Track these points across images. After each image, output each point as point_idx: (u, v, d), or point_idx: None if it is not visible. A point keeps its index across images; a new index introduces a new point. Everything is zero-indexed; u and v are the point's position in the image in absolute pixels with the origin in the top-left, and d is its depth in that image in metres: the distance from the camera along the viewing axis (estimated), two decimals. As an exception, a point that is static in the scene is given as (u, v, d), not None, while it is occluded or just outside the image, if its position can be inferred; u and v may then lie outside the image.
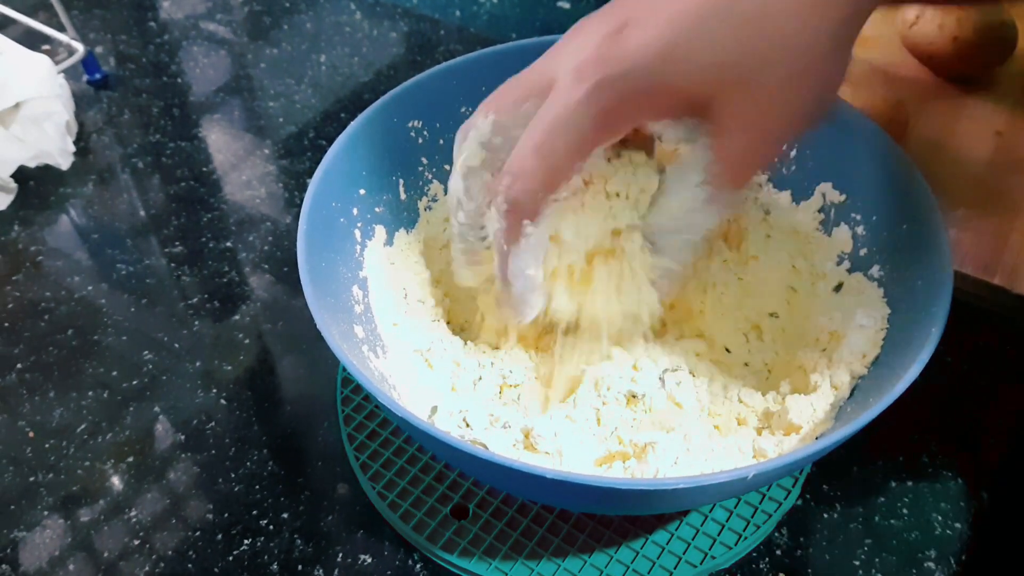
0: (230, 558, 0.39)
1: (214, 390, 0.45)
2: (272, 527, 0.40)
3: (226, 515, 0.40)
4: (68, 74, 0.62)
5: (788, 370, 0.41)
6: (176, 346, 0.48)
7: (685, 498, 0.33)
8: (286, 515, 0.40)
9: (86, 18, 0.72)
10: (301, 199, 0.43)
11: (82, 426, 0.44)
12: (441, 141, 0.46)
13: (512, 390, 0.41)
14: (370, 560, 0.38)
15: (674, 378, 0.40)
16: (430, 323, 0.43)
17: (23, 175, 0.57)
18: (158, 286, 0.51)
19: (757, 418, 0.39)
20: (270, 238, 0.54)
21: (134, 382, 0.46)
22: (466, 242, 0.37)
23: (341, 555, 0.39)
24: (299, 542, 0.39)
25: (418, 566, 0.38)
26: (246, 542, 0.39)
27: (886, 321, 0.38)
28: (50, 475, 0.42)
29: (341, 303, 0.39)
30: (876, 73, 0.58)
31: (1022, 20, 0.56)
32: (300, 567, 0.38)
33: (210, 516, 0.40)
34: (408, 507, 0.39)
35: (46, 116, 0.56)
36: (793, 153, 0.45)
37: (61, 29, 0.64)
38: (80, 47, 0.63)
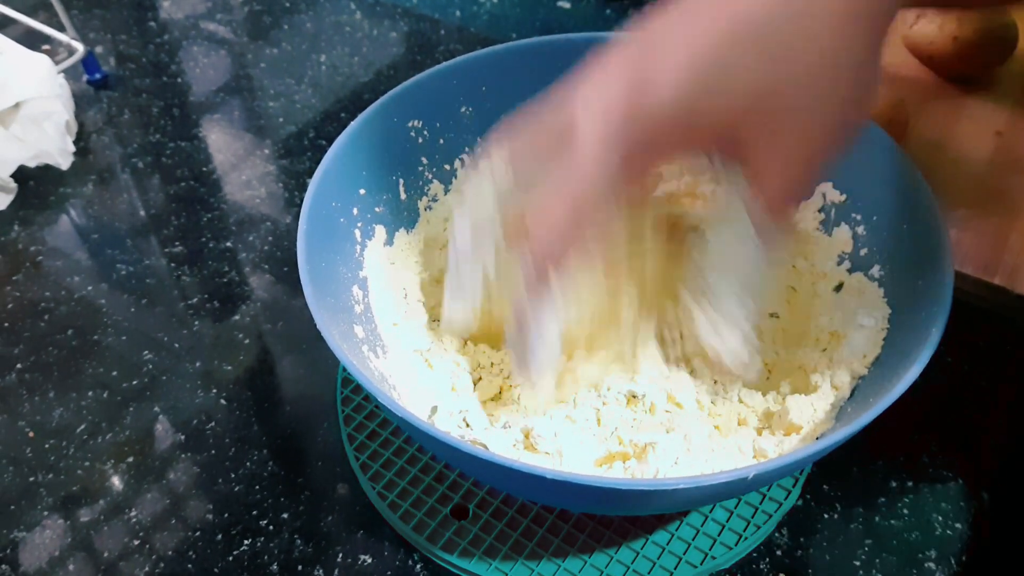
0: (230, 558, 0.39)
1: (214, 390, 0.45)
2: (272, 527, 0.40)
3: (226, 515, 0.40)
4: (68, 74, 0.62)
5: (788, 370, 0.41)
6: (176, 346, 0.48)
7: (685, 498, 0.33)
8: (286, 515, 0.40)
9: (86, 18, 0.72)
10: (301, 199, 0.43)
11: (82, 426, 0.44)
12: (441, 141, 0.46)
13: (512, 390, 0.41)
14: (370, 560, 0.38)
15: (676, 377, 0.40)
16: (430, 323, 0.43)
17: (23, 175, 0.57)
18: (158, 286, 0.51)
19: (757, 418, 0.39)
20: (270, 238, 0.54)
21: (134, 382, 0.46)
22: (463, 283, 0.37)
23: (341, 555, 0.39)
24: (299, 542, 0.39)
25: (418, 566, 0.38)
26: (246, 542, 0.39)
27: (887, 321, 0.38)
28: (50, 475, 0.42)
29: (341, 303, 0.39)
30: (876, 73, 0.58)
31: (1022, 20, 0.56)
32: (300, 567, 0.38)
33: (210, 516, 0.40)
34: (408, 507, 0.39)
35: (46, 116, 0.56)
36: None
37: (61, 29, 0.64)
38: (80, 47, 0.63)
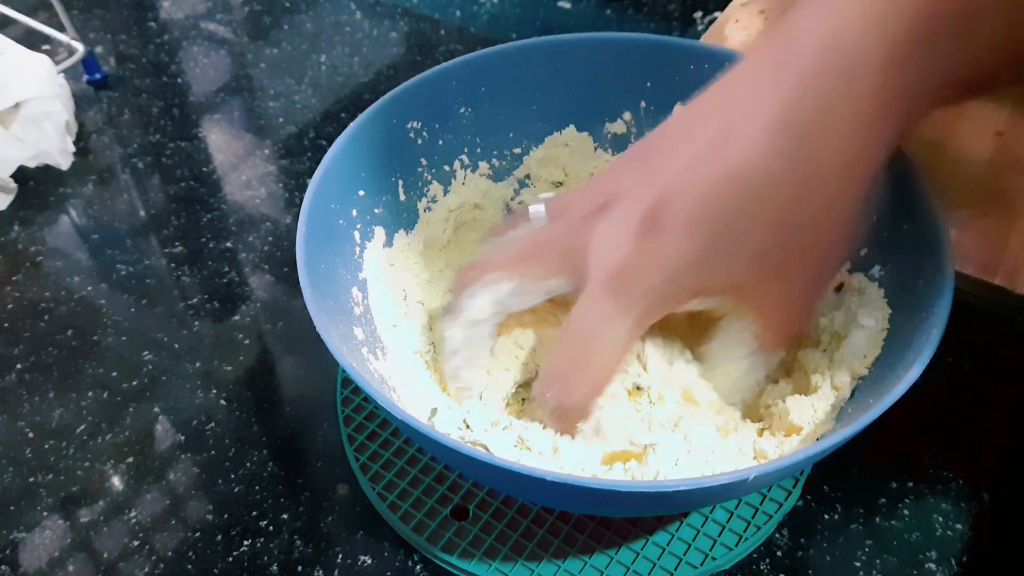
0: (230, 559, 0.39)
1: (214, 391, 0.45)
2: (272, 528, 0.40)
3: (226, 516, 0.40)
4: (68, 74, 0.62)
5: (789, 370, 0.41)
6: (176, 346, 0.48)
7: (686, 500, 0.33)
8: (286, 516, 0.40)
9: (86, 18, 0.72)
10: (301, 199, 0.43)
11: (82, 427, 0.44)
12: (440, 142, 0.46)
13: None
14: (370, 561, 0.38)
15: (684, 371, 0.39)
16: (430, 324, 0.43)
17: (23, 175, 0.57)
18: (158, 286, 0.51)
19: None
20: (270, 238, 0.53)
21: (134, 382, 0.46)
22: (462, 380, 0.39)
23: (341, 556, 0.39)
24: (299, 543, 0.39)
25: (418, 567, 0.38)
26: (246, 543, 0.39)
27: (887, 321, 0.38)
28: (49, 476, 0.42)
29: (340, 305, 0.39)
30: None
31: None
32: (300, 568, 0.38)
33: (210, 517, 0.40)
34: (408, 508, 0.39)
35: (46, 116, 0.56)
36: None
37: (61, 29, 0.64)
38: (80, 47, 0.63)
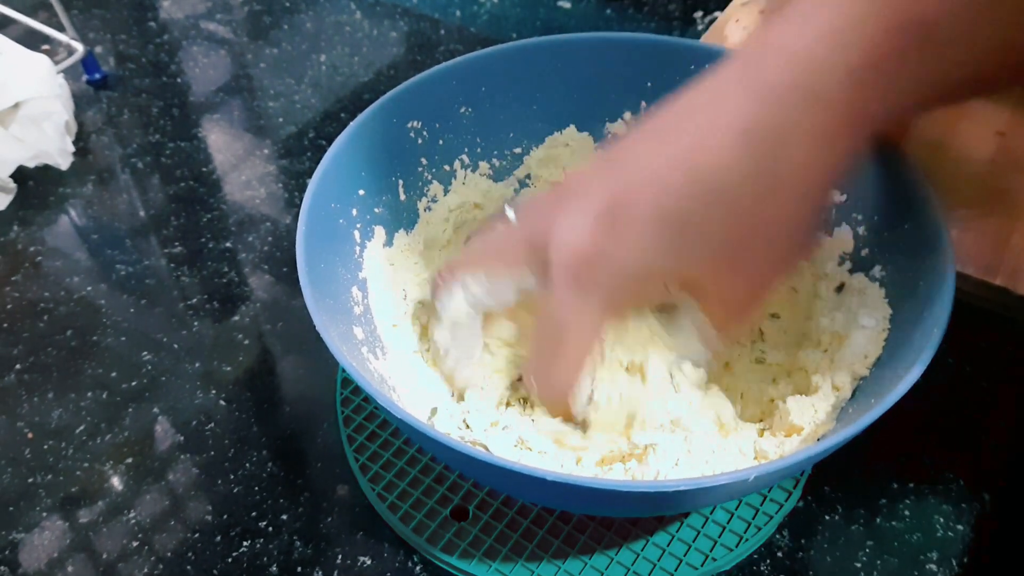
0: (229, 559, 0.38)
1: (214, 391, 0.45)
2: (271, 529, 0.40)
3: (225, 516, 0.40)
4: (68, 74, 0.62)
5: (789, 371, 0.40)
6: (176, 347, 0.47)
7: (686, 500, 0.33)
8: (285, 517, 0.40)
9: (86, 18, 0.72)
10: (301, 199, 0.43)
11: (81, 427, 0.44)
12: (440, 142, 0.46)
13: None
14: (370, 562, 0.38)
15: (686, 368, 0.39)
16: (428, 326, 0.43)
17: (22, 175, 0.57)
18: (158, 286, 0.51)
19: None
20: (270, 238, 0.53)
21: (133, 383, 0.46)
22: (461, 377, 0.40)
23: (340, 557, 0.39)
24: (298, 544, 0.39)
25: (418, 568, 0.38)
26: (245, 544, 0.39)
27: (888, 322, 0.38)
28: (49, 476, 0.42)
29: (340, 304, 0.39)
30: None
31: None
32: (299, 569, 0.38)
33: (209, 517, 0.40)
34: (408, 509, 0.39)
35: (45, 116, 0.56)
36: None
37: (61, 29, 0.64)
38: (80, 47, 0.63)
